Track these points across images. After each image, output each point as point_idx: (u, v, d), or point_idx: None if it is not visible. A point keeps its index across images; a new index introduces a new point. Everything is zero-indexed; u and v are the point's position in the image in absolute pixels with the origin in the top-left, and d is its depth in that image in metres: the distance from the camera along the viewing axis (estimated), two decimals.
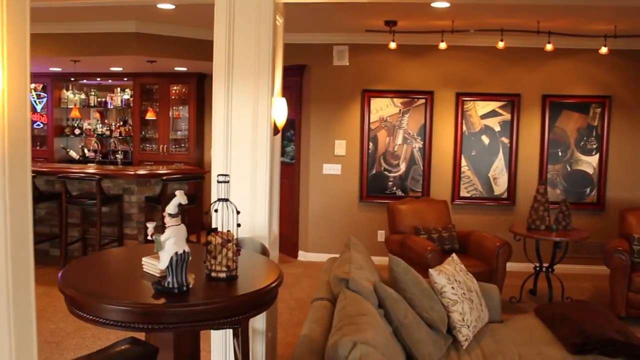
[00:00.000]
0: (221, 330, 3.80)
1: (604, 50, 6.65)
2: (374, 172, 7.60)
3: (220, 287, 2.41)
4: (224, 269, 2.44)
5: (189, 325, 2.14)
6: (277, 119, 3.95)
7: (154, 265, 2.38)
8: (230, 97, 3.80)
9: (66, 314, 3.22)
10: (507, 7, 5.83)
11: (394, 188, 7.59)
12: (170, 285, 2.24)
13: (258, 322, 3.89)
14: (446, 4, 5.71)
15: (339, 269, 3.59)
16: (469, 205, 7.60)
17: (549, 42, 6.56)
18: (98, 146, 10.00)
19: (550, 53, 7.26)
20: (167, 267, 2.23)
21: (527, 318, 4.35)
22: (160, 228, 2.28)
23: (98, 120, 10.41)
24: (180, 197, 2.24)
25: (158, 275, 2.35)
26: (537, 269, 6.39)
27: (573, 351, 3.60)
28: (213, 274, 2.46)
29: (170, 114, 9.81)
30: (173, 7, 6.06)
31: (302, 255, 7.95)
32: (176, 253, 2.22)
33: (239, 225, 2.62)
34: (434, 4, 5.72)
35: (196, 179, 7.67)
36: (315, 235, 7.81)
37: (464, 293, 3.83)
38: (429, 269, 3.87)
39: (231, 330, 3.60)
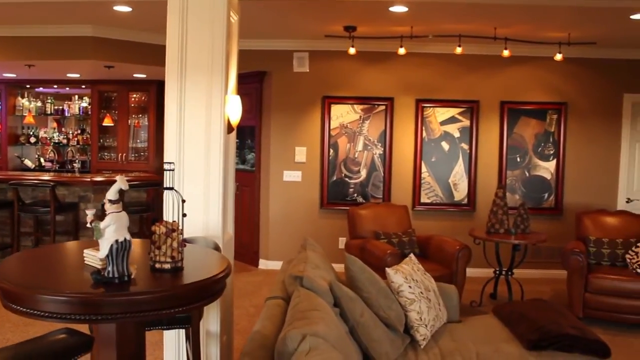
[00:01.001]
0: (173, 333, 3.70)
1: (558, 57, 6.76)
2: (335, 178, 7.57)
3: (164, 277, 2.32)
4: (169, 259, 2.36)
5: (130, 316, 2.04)
6: (232, 116, 3.88)
7: (95, 256, 2.28)
8: (183, 94, 3.72)
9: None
10: (465, 13, 5.89)
11: (355, 195, 7.56)
12: (110, 275, 2.15)
13: (212, 325, 3.80)
14: (404, 8, 5.74)
15: (294, 268, 3.53)
16: (430, 211, 7.61)
17: (505, 48, 6.64)
18: (55, 155, 9.77)
19: (508, 60, 7.38)
20: (107, 256, 2.14)
21: (485, 318, 4.35)
22: (101, 216, 2.18)
23: (55, 129, 10.19)
24: (120, 183, 2.15)
25: (99, 266, 2.25)
26: (497, 272, 6.41)
27: (530, 347, 3.60)
28: (157, 265, 2.37)
29: (130, 122, 9.65)
30: (130, 9, 5.96)
31: (263, 264, 7.85)
32: (116, 241, 2.13)
33: (184, 215, 2.54)
34: (392, 8, 5.74)
35: (154, 186, 7.52)
36: (275, 243, 7.73)
37: (421, 292, 3.80)
38: (386, 268, 3.83)
39: (183, 332, 3.50)
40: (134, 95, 9.62)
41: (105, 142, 9.78)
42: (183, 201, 2.52)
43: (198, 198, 3.70)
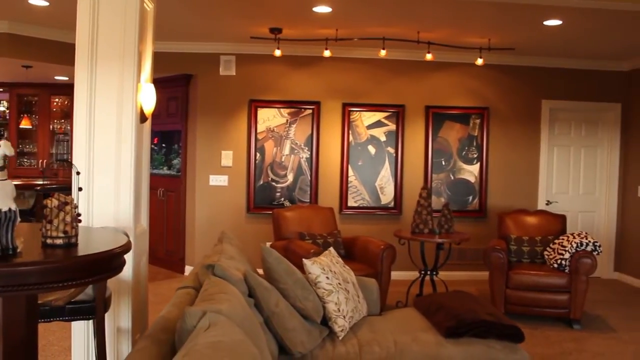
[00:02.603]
0: (82, 327, 3.53)
1: (479, 61, 6.93)
2: (262, 182, 7.49)
3: (56, 253, 2.19)
4: (61, 234, 2.22)
5: (13, 289, 1.89)
6: (145, 105, 3.77)
7: None
8: (93, 82, 3.59)
9: None
10: (388, 15, 5.95)
11: (282, 199, 7.50)
12: None
13: (123, 321, 3.65)
14: (328, 9, 5.75)
15: (208, 259, 3.43)
16: (357, 215, 7.62)
17: (428, 52, 6.75)
18: None
19: (433, 66, 7.52)
20: None
21: (406, 310, 4.34)
22: None
23: None
24: (5, 148, 2.02)
25: None
26: (422, 273, 6.44)
27: (447, 334, 3.61)
28: (49, 241, 2.23)
29: (52, 127, 9.30)
30: (46, 4, 5.74)
31: (189, 271, 7.66)
32: (0, 210, 2.00)
33: (80, 189, 2.42)
34: (315, 8, 5.74)
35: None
36: (201, 249, 7.55)
37: (339, 283, 3.76)
38: (303, 259, 3.77)
39: (92, 326, 3.35)
40: (56, 100, 9.29)
41: (25, 148, 9.39)
42: (77, 173, 2.40)
43: (109, 188, 3.56)
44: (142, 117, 3.78)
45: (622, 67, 8.00)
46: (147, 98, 3.79)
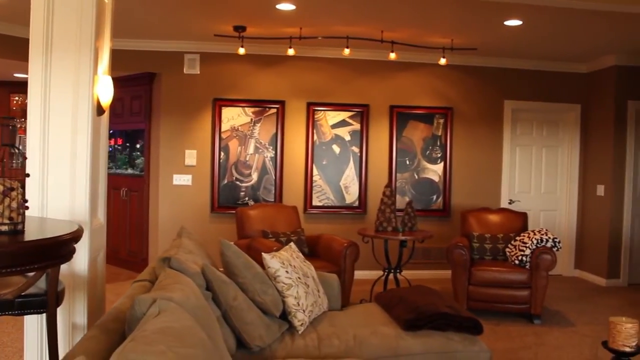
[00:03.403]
0: (35, 321, 3.44)
1: (442, 61, 6.99)
2: (226, 182, 7.43)
3: (0, 239, 2.13)
4: (6, 221, 2.17)
5: None
6: (102, 97, 3.70)
7: None
8: (48, 74, 3.51)
9: None
10: (351, 13, 5.97)
11: (246, 198, 7.45)
12: None
13: (78, 317, 3.58)
14: (291, 6, 5.75)
15: (165, 253, 3.38)
16: (322, 214, 7.61)
17: (392, 51, 6.78)
18: None
19: (397, 66, 7.57)
20: None
21: (367, 305, 4.35)
22: None
23: None
24: None
25: None
26: (386, 271, 6.46)
27: (406, 327, 3.61)
28: None
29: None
30: None
31: None
32: None
33: (27, 175, 2.36)
34: (279, 6, 5.73)
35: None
36: (165, 249, 7.46)
37: (299, 277, 3.74)
38: (262, 253, 3.75)
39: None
40: (16, 98, 9.10)
41: None
42: (25, 158, 2.35)
43: (64, 181, 3.49)
44: (99, 110, 3.71)
45: (581, 69, 8.15)
46: (105, 90, 3.72)
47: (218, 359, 2.13)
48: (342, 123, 7.63)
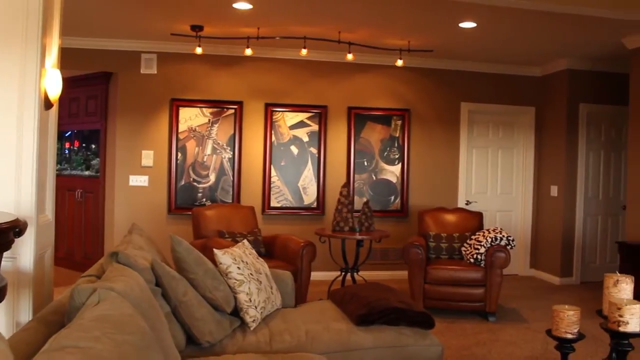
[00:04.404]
0: None
1: (399, 62, 7.06)
2: (183, 183, 7.35)
3: None
4: None
5: None
6: (50, 91, 3.63)
7: None
8: None
9: None
10: (308, 13, 5.98)
11: (204, 199, 7.39)
12: None
13: (22, 316, 3.49)
14: (248, 5, 5.72)
15: (113, 249, 3.32)
16: (280, 215, 7.59)
17: (349, 52, 6.81)
18: None
19: (355, 67, 7.62)
20: None
21: (320, 302, 4.35)
22: None
23: None
24: None
25: None
26: (343, 271, 6.47)
27: (358, 322, 3.62)
28: None
29: None
30: None
31: None
32: None
33: None
34: (236, 5, 5.70)
35: None
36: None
37: (251, 274, 3.71)
38: (214, 249, 3.72)
39: None
40: None
41: None
42: None
43: (9, 175, 3.41)
44: (47, 104, 3.64)
45: (535, 73, 8.32)
46: (53, 84, 3.65)
47: (159, 349, 2.09)
48: (301, 124, 7.63)
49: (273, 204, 7.54)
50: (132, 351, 1.78)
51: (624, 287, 2.87)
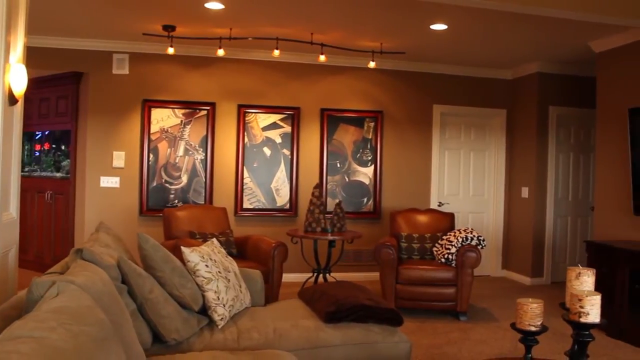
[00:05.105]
0: None
1: (372, 64, 7.10)
2: (155, 184, 7.30)
3: None
4: None
5: None
6: (15, 86, 3.58)
7: None
8: None
9: None
10: (280, 14, 5.97)
11: (176, 201, 7.33)
12: None
13: None
14: (220, 5, 5.70)
15: (79, 246, 3.28)
16: (253, 216, 7.56)
17: (322, 53, 6.82)
18: None
19: (328, 69, 7.64)
20: None
21: (290, 301, 4.33)
22: None
23: None
24: None
25: None
26: (315, 271, 6.47)
27: (327, 319, 3.62)
28: None
29: None
30: None
31: None
32: None
33: None
34: (207, 4, 5.68)
35: None
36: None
37: (219, 272, 3.69)
38: (182, 247, 3.70)
39: None
40: None
41: None
42: None
43: None
44: (12, 99, 3.59)
45: (506, 76, 8.42)
46: (18, 79, 3.60)
47: (119, 341, 2.07)
48: (273, 125, 7.62)
49: (245, 205, 7.52)
50: (89, 342, 1.76)
51: (586, 279, 2.92)
